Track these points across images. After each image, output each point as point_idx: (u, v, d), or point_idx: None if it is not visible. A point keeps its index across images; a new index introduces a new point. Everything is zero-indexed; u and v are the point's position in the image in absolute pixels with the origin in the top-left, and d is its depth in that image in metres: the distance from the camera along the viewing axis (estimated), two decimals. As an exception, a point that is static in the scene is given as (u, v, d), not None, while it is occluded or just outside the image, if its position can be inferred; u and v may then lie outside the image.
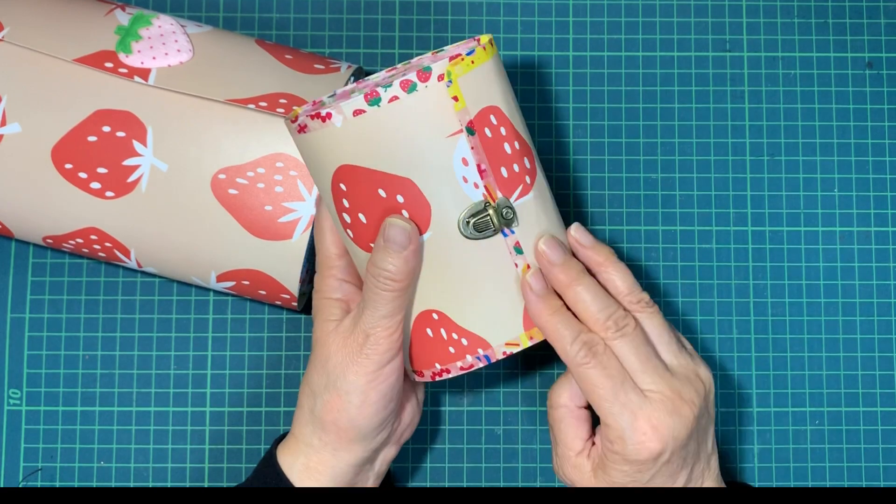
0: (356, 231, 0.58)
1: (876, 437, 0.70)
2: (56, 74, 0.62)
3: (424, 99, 0.55)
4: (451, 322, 0.58)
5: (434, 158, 0.56)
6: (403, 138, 0.55)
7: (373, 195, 0.57)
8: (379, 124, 0.55)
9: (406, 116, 0.55)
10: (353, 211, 0.58)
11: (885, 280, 0.71)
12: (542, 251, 0.58)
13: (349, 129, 0.55)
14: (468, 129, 0.56)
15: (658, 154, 0.72)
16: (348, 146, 0.56)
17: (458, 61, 0.56)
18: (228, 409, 0.69)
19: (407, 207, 0.56)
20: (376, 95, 0.55)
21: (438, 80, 0.55)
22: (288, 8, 0.72)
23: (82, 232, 0.64)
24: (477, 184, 0.57)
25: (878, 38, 0.73)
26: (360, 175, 0.56)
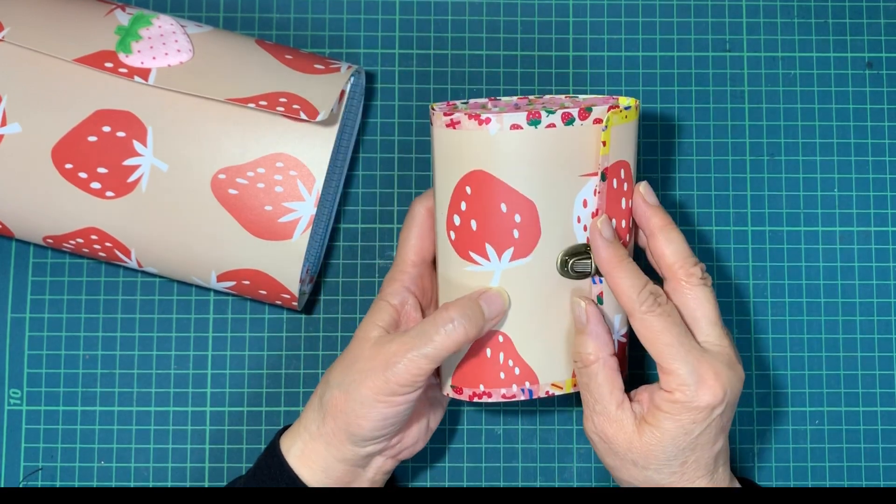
0: (460, 236, 0.60)
1: (876, 437, 0.70)
2: (56, 74, 0.62)
3: (578, 134, 0.59)
4: (514, 349, 0.60)
5: (562, 191, 0.59)
6: (544, 163, 0.58)
7: (494, 207, 0.59)
8: (529, 143, 0.58)
9: (556, 144, 0.58)
10: (467, 215, 0.59)
11: (885, 280, 0.71)
12: (642, 192, 0.61)
13: (500, 139, 0.58)
14: (602, 175, 0.59)
15: (658, 154, 0.72)
16: (493, 154, 0.58)
17: (617, 112, 0.59)
18: (228, 408, 0.69)
19: (520, 228, 0.59)
20: (538, 117, 0.57)
21: (595, 122, 0.59)
22: (288, 8, 0.72)
23: (82, 232, 0.64)
24: (587, 227, 0.60)
25: (878, 38, 0.73)
26: (491, 185, 0.58)
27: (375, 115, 0.71)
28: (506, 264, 0.59)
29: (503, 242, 0.59)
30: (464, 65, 0.72)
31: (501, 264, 0.59)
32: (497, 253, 0.59)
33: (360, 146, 0.71)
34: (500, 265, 0.60)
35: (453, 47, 0.72)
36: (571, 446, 0.70)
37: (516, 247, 0.59)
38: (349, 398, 0.59)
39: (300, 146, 0.62)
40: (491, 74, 0.72)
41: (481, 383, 0.61)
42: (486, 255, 0.59)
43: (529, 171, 0.58)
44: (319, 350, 0.70)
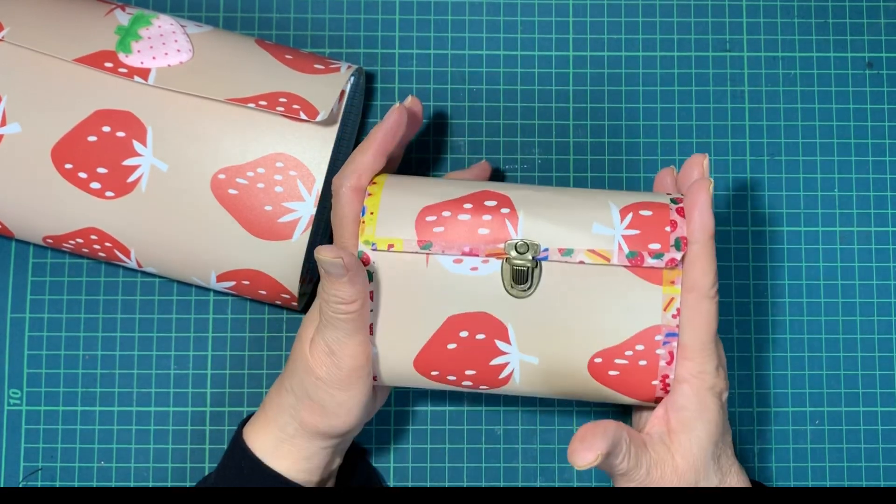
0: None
1: (876, 437, 0.70)
2: (56, 74, 0.62)
3: (385, 271, 0.58)
4: (612, 351, 0.58)
5: (444, 284, 0.57)
6: (415, 304, 0.58)
7: (464, 351, 0.58)
8: (389, 327, 0.58)
9: (394, 293, 0.58)
10: (458, 377, 0.59)
11: (885, 280, 0.71)
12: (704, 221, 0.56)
13: (384, 351, 0.59)
14: (424, 247, 0.57)
15: (658, 154, 0.72)
16: (401, 356, 0.59)
17: (363, 226, 0.58)
18: (228, 409, 0.69)
19: (485, 331, 0.57)
20: None
21: (372, 250, 0.58)
22: (288, 8, 0.72)
23: (82, 232, 0.64)
24: (486, 259, 0.57)
25: (878, 38, 0.73)
26: (436, 354, 0.58)
27: (375, 115, 0.72)
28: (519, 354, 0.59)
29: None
30: (464, 65, 0.72)
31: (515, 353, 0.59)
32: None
33: (360, 146, 0.71)
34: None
35: (453, 47, 0.72)
36: (571, 446, 0.70)
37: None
38: (325, 407, 0.59)
39: (300, 146, 0.62)
40: (491, 74, 0.72)
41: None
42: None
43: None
44: (319, 350, 0.70)
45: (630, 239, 0.57)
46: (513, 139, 0.71)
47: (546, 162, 0.71)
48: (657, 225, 0.57)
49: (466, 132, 0.71)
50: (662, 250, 0.57)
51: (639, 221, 0.57)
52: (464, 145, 0.71)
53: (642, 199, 0.59)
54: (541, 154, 0.71)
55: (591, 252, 0.57)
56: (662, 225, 0.57)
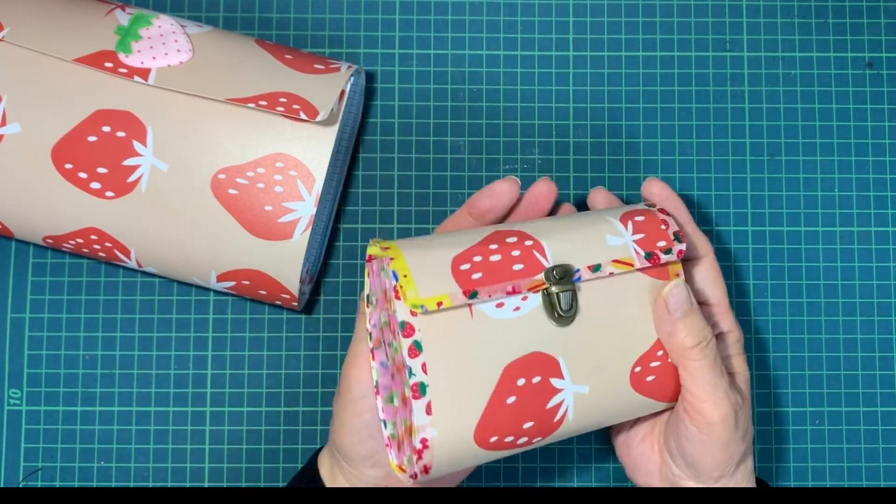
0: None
1: (876, 437, 0.70)
2: (56, 74, 0.62)
3: (433, 335, 0.54)
4: (647, 355, 0.59)
5: (493, 334, 0.55)
6: (471, 364, 0.54)
7: (524, 401, 0.55)
8: (449, 398, 0.53)
9: (447, 358, 0.54)
10: (516, 436, 0.56)
11: (885, 280, 0.71)
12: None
13: (446, 428, 0.54)
14: (471, 296, 0.54)
15: (658, 154, 0.72)
16: (463, 429, 0.54)
17: (403, 291, 0.54)
18: (228, 409, 0.69)
19: (540, 372, 0.55)
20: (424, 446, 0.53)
21: (414, 316, 0.54)
22: (288, 8, 0.72)
23: (82, 232, 0.64)
24: (524, 297, 0.55)
25: (878, 38, 0.73)
26: (496, 414, 0.54)
27: (375, 115, 0.71)
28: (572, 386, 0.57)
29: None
30: (464, 65, 0.72)
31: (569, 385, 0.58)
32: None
33: (360, 146, 0.71)
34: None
35: (453, 47, 0.72)
36: (571, 446, 0.70)
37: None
38: (333, 421, 0.60)
39: (300, 146, 0.62)
40: (491, 74, 0.72)
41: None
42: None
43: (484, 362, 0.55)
44: (319, 350, 0.70)
45: (640, 242, 0.58)
46: (513, 139, 0.71)
47: (546, 162, 0.71)
48: (653, 225, 0.59)
49: (466, 132, 0.71)
50: (668, 246, 0.58)
51: (638, 226, 0.58)
52: (464, 145, 0.71)
53: (625, 209, 0.60)
54: (541, 154, 0.71)
55: (616, 262, 0.57)
56: (657, 224, 0.59)
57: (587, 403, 0.57)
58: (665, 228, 0.59)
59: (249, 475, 0.69)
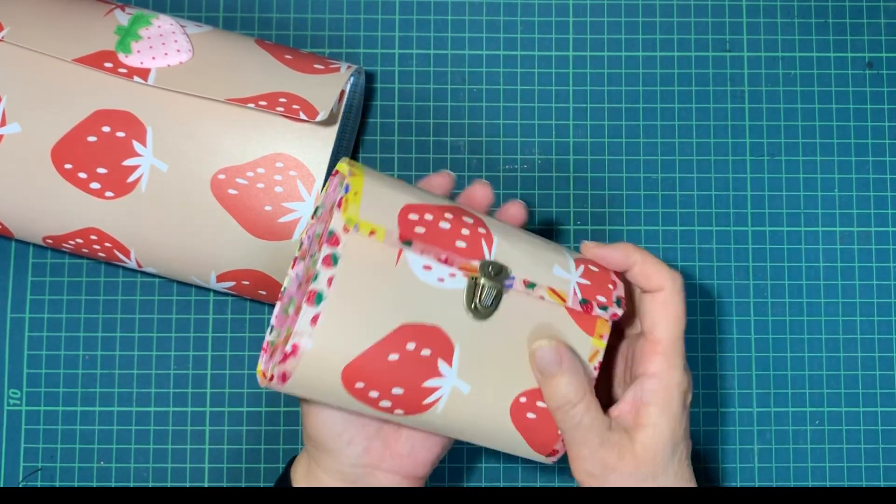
0: (397, 404, 0.55)
1: (876, 437, 0.70)
2: (56, 74, 0.62)
3: (353, 258, 0.53)
4: (537, 392, 0.56)
5: (408, 289, 0.54)
6: (373, 303, 0.53)
7: (404, 365, 0.54)
8: (339, 320, 0.52)
9: (356, 284, 0.52)
10: (382, 394, 0.54)
11: (885, 280, 0.71)
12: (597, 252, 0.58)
13: (322, 346, 0.52)
14: (405, 243, 0.54)
15: (658, 154, 0.72)
16: (337, 356, 0.52)
17: (346, 204, 0.53)
18: (228, 409, 0.69)
19: (432, 347, 0.54)
20: (314, 324, 0.52)
21: (345, 231, 0.53)
22: (288, 8, 0.72)
23: (82, 232, 0.64)
24: (453, 273, 0.55)
25: (878, 38, 0.73)
26: (373, 362, 0.53)
27: (375, 115, 0.71)
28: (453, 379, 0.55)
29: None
30: (464, 65, 0.72)
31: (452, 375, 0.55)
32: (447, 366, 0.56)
33: (360, 146, 0.71)
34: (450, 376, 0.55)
35: (453, 47, 0.72)
36: (571, 446, 0.70)
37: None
38: (304, 415, 0.58)
39: (300, 146, 0.62)
40: (491, 74, 0.72)
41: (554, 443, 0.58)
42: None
43: (376, 319, 0.54)
44: (319, 350, 0.70)
45: (582, 287, 0.57)
46: (513, 139, 0.71)
47: (546, 162, 0.71)
48: (602, 280, 0.58)
49: (466, 132, 0.71)
50: (608, 304, 0.57)
51: (589, 274, 0.58)
52: (464, 145, 0.71)
53: (584, 257, 0.59)
54: (541, 154, 0.71)
55: (552, 290, 0.56)
56: (607, 282, 0.58)
57: (461, 403, 0.56)
58: (612, 289, 0.58)
59: (249, 475, 0.69)
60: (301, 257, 0.59)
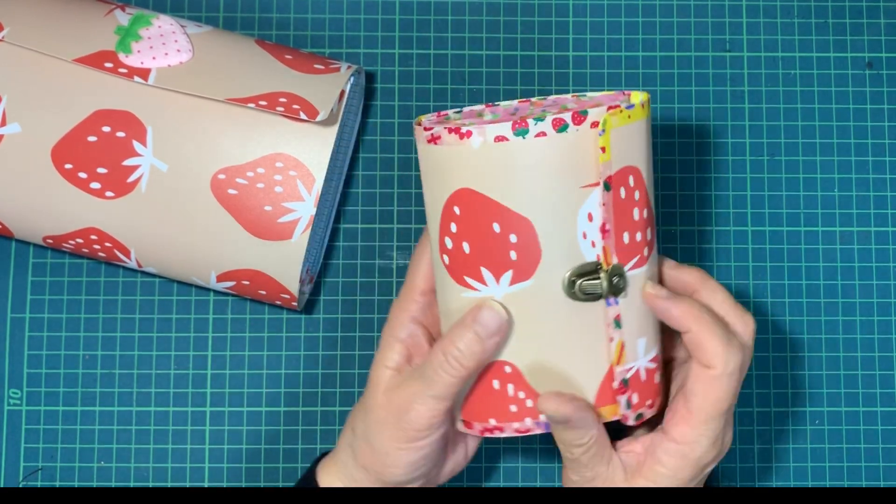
0: (454, 259, 0.55)
1: (876, 437, 0.70)
2: (56, 74, 0.62)
3: (572, 141, 0.52)
4: (523, 379, 0.55)
5: (561, 205, 0.53)
6: (538, 176, 0.52)
7: (486, 227, 0.53)
8: (518, 156, 0.52)
9: (547, 155, 0.52)
10: (458, 237, 0.54)
11: (885, 280, 0.71)
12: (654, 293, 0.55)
13: (485, 154, 0.52)
14: (605, 185, 0.53)
15: (659, 154, 0.72)
16: (479, 170, 0.53)
17: (616, 112, 0.53)
18: (228, 409, 0.69)
19: (516, 248, 0.53)
20: (524, 126, 0.52)
21: (592, 126, 0.52)
22: (288, 8, 0.72)
23: (82, 232, 0.64)
24: (595, 243, 0.54)
25: (878, 38, 0.73)
26: (480, 203, 0.53)
27: (375, 115, 0.72)
28: (505, 288, 0.54)
29: (500, 265, 0.54)
30: (464, 65, 0.72)
31: (500, 288, 0.54)
32: (494, 277, 0.54)
33: (360, 146, 0.71)
34: (498, 289, 0.54)
35: (453, 47, 0.72)
36: (571, 446, 0.70)
37: (515, 269, 0.54)
38: (374, 450, 0.57)
39: (300, 146, 0.62)
40: (491, 74, 0.72)
41: (492, 418, 0.56)
42: (483, 280, 0.54)
43: (521, 186, 0.53)
44: (319, 350, 0.70)
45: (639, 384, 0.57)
46: (513, 139, 0.71)
47: (546, 162, 0.71)
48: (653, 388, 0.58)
49: (466, 132, 0.71)
50: (642, 408, 0.57)
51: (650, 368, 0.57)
52: (464, 145, 0.71)
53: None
54: (541, 154, 0.71)
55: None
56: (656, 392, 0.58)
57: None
58: (652, 403, 0.57)
59: (249, 475, 0.69)
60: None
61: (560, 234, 0.53)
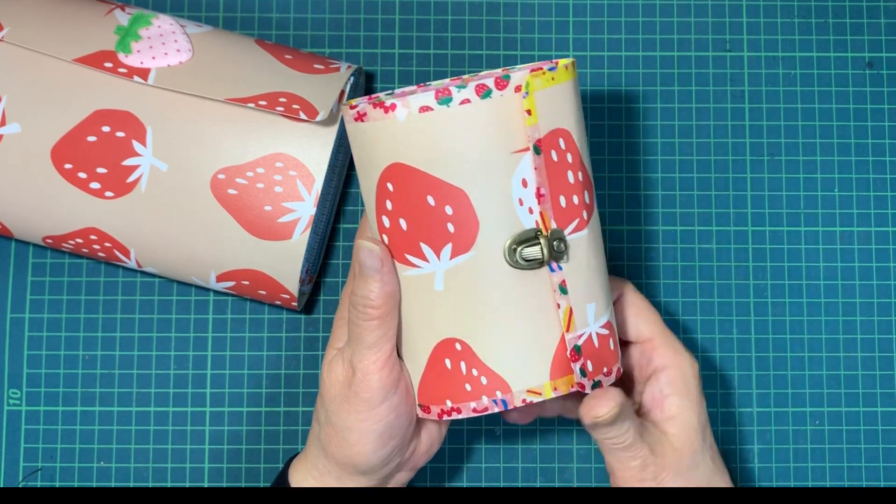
0: (393, 238, 0.55)
1: (876, 437, 0.70)
2: (56, 74, 0.62)
3: (497, 107, 0.52)
4: (474, 355, 0.54)
5: (494, 173, 0.52)
6: (466, 145, 0.52)
7: (420, 201, 0.53)
8: (444, 126, 0.52)
9: (474, 122, 0.52)
10: (394, 215, 0.54)
11: (885, 280, 0.71)
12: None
13: (412, 126, 0.52)
14: (535, 148, 0.53)
15: (658, 154, 0.72)
16: (407, 143, 0.52)
17: (539, 74, 0.52)
18: (228, 409, 0.69)
19: (453, 221, 0.53)
20: (448, 95, 0.51)
21: (515, 90, 0.52)
22: (288, 8, 0.72)
23: (82, 232, 0.64)
24: (532, 209, 0.53)
25: (878, 37, 0.73)
26: (412, 177, 0.53)
27: (375, 115, 0.71)
28: (446, 263, 0.53)
29: (438, 239, 0.53)
30: (464, 65, 0.72)
31: (441, 264, 0.53)
32: (434, 252, 0.53)
33: (359, 146, 0.71)
34: (440, 265, 0.54)
35: (453, 47, 0.72)
36: (571, 446, 0.70)
37: (454, 242, 0.53)
38: (338, 431, 0.57)
39: (300, 146, 0.62)
40: (491, 74, 0.72)
41: (448, 398, 0.55)
42: (424, 256, 0.54)
43: (450, 155, 0.52)
44: (319, 350, 0.70)
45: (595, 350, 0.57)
46: (513, 139, 0.71)
47: (546, 162, 0.71)
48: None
49: (466, 132, 0.71)
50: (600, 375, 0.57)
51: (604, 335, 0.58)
52: (464, 145, 0.71)
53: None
54: (541, 154, 0.71)
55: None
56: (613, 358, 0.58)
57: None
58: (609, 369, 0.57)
59: (249, 475, 0.69)
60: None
61: (496, 202, 0.53)
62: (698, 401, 0.59)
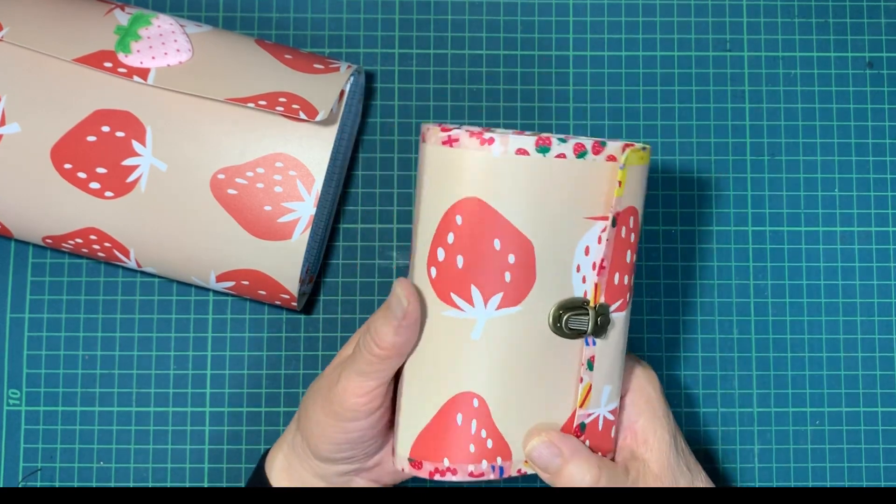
0: (443, 273, 0.52)
1: (876, 437, 0.70)
2: (55, 74, 0.62)
3: (589, 170, 0.52)
4: (489, 416, 0.53)
5: (564, 233, 0.52)
6: (549, 198, 0.51)
7: (486, 242, 0.51)
8: (535, 173, 0.51)
9: (564, 178, 0.51)
10: (453, 250, 0.52)
11: (885, 280, 0.71)
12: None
13: (504, 164, 0.51)
14: (613, 220, 0.53)
15: (659, 154, 0.72)
16: (493, 180, 0.51)
17: (634, 150, 0.53)
18: (228, 409, 0.69)
19: (512, 270, 0.52)
20: (547, 144, 0.51)
21: (607, 159, 0.52)
22: (288, 8, 0.72)
23: (82, 232, 0.64)
24: (585, 278, 0.53)
25: (879, 37, 0.73)
26: (486, 215, 0.51)
27: (375, 115, 0.71)
28: (492, 312, 0.52)
29: (492, 286, 0.52)
30: (464, 65, 0.72)
31: (487, 311, 0.52)
32: (483, 298, 0.52)
33: (360, 146, 0.71)
34: (485, 313, 0.52)
35: (453, 47, 0.72)
36: (571, 446, 0.70)
37: (506, 293, 0.52)
38: (308, 416, 0.57)
39: (300, 146, 0.62)
40: (491, 74, 0.72)
41: (446, 457, 0.53)
42: (471, 300, 0.52)
43: (531, 205, 0.51)
44: (319, 350, 0.70)
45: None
46: (513, 139, 0.71)
47: (546, 162, 0.71)
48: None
49: (466, 132, 0.71)
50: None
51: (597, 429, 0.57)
52: (464, 145, 0.71)
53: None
54: (541, 154, 0.71)
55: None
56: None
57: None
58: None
59: (248, 475, 0.69)
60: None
61: (557, 262, 0.52)
62: (665, 414, 0.58)
